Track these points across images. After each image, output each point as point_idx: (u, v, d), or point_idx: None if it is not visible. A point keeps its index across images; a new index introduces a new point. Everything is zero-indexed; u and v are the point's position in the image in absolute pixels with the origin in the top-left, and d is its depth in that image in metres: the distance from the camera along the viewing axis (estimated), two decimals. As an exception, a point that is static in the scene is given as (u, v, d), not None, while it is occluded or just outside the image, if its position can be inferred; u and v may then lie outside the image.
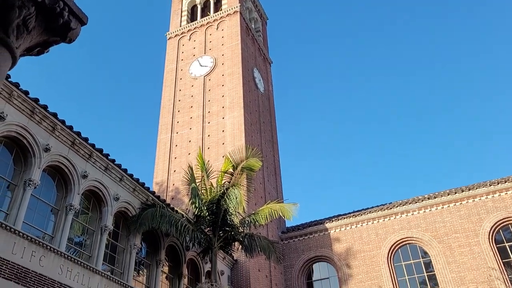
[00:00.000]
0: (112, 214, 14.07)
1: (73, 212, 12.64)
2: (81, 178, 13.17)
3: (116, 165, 14.43)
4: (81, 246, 13.40)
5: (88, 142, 13.44)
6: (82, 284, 12.16)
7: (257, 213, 16.48)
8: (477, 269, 21.08)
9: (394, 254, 23.71)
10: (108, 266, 13.95)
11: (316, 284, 25.04)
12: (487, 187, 22.78)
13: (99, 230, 13.62)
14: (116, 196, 14.36)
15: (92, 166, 13.73)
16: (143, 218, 14.68)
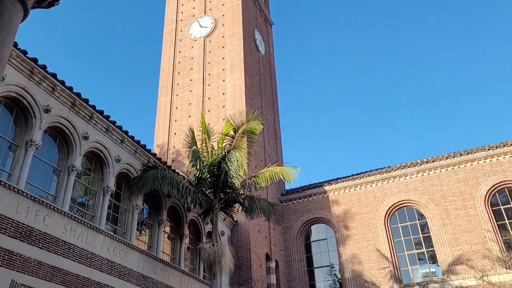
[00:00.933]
0: (114, 176, 14.20)
1: (75, 173, 12.75)
2: (82, 140, 13.20)
3: (117, 127, 14.43)
4: (84, 206, 13.61)
5: (88, 104, 13.38)
6: (86, 243, 12.44)
7: (258, 175, 16.63)
8: (472, 231, 21.55)
9: (391, 216, 24.15)
10: (111, 226, 14.23)
11: (314, 244, 25.64)
12: (486, 151, 22.93)
13: (101, 191, 13.79)
14: (117, 157, 14.44)
15: (93, 127, 13.73)
16: (144, 180, 14.84)
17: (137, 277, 14.10)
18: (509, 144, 22.60)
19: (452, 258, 21.46)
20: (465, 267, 20.76)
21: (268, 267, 22.44)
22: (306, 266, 24.93)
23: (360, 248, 23.62)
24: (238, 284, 19.66)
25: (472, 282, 20.23)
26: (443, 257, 21.84)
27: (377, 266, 22.80)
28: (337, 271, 24.40)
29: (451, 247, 21.74)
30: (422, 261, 23.06)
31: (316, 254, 25.34)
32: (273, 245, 23.68)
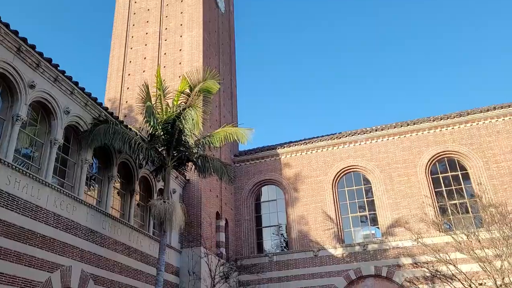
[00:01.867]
0: (62, 128, 13.67)
1: (20, 123, 12.14)
2: (28, 88, 12.51)
3: (67, 77, 13.76)
4: (30, 158, 13.08)
5: (35, 50, 12.60)
6: (32, 196, 12.06)
7: (212, 135, 16.61)
8: (412, 196, 22.93)
9: (339, 181, 25.13)
10: (58, 180, 13.83)
11: (263, 205, 26.32)
12: (431, 122, 24.11)
13: (49, 143, 13.28)
14: (66, 109, 13.86)
15: (40, 76, 13.01)
16: (95, 134, 14.41)
17: (84, 231, 13.95)
18: (452, 116, 23.87)
19: (392, 221, 22.83)
20: (402, 230, 22.19)
21: (218, 225, 22.88)
22: (255, 225, 25.65)
23: (307, 209, 24.53)
24: (188, 241, 19.96)
25: (408, 243, 21.70)
26: (383, 220, 23.18)
27: (322, 227, 23.85)
28: (284, 231, 25.32)
29: (392, 211, 23.07)
30: (364, 224, 24.38)
31: (265, 214, 26.08)
32: (223, 204, 24.06)
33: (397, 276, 21.50)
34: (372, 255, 22.38)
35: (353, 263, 22.45)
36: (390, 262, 21.91)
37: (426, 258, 19.63)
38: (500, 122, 23.20)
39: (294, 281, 22.89)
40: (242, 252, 24.52)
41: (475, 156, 22.89)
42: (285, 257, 23.79)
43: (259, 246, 25.22)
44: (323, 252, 23.16)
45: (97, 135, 14.35)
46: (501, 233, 16.60)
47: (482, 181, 22.11)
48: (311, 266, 23.03)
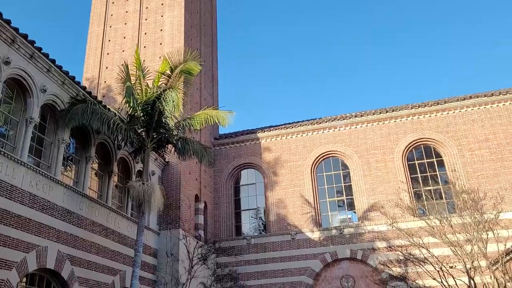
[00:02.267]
0: (39, 106, 13.36)
1: (-6, 100, 11.81)
2: (3, 65, 12.13)
3: (43, 54, 13.38)
4: (4, 137, 12.76)
5: (10, 25, 12.18)
6: (6, 175, 11.80)
7: (193, 117, 16.50)
8: (388, 182, 23.40)
9: (318, 165, 25.41)
10: (35, 159, 13.56)
11: (242, 188, 26.45)
12: (409, 109, 24.51)
13: (24, 121, 12.96)
14: (43, 87, 13.52)
15: (16, 52, 12.62)
16: (72, 114, 14.13)
17: (61, 211, 13.77)
18: (430, 104, 24.30)
19: (368, 206, 23.30)
20: (378, 214, 22.69)
21: (197, 208, 22.92)
22: (234, 208, 25.80)
23: (286, 193, 24.78)
24: (166, 223, 19.95)
25: (383, 228, 22.23)
26: (360, 205, 23.63)
27: (300, 211, 24.17)
28: (262, 214, 25.56)
29: (368, 196, 23.52)
30: (341, 208, 24.81)
31: (244, 198, 26.23)
32: (203, 187, 24.07)
33: (372, 259, 22.04)
34: (348, 238, 22.84)
35: (330, 247, 22.89)
36: (365, 245, 22.43)
37: (400, 242, 20.15)
38: (475, 111, 23.76)
39: (272, 263, 23.23)
40: (220, 235, 24.68)
41: (450, 144, 23.45)
42: (263, 240, 24.07)
43: (237, 229, 25.43)
44: (300, 236, 23.51)
45: (74, 115, 14.08)
46: (472, 219, 17.12)
47: (456, 168, 22.70)
48: (289, 249, 23.38)
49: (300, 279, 22.54)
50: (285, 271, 22.92)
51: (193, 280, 18.72)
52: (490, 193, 19.99)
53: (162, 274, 18.55)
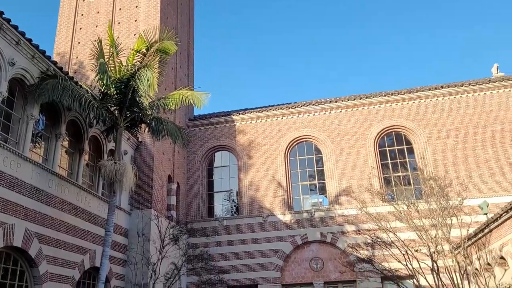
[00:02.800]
0: (7, 80, 12.88)
1: (-41, 72, 11.32)
2: (-31, 35, 11.61)
3: (12, 26, 12.87)
4: (-31, 111, 12.31)
5: (-24, -6, 11.64)
6: (-28, 151, 11.42)
7: (168, 97, 16.27)
8: (360, 167, 23.87)
9: (291, 149, 25.64)
10: (2, 135, 13.15)
11: (216, 170, 26.46)
12: (382, 97, 24.92)
13: (-9, 95, 12.51)
14: (11, 61, 13.03)
15: (-18, 23, 12.08)
16: (42, 89, 13.71)
17: (29, 189, 13.47)
18: (402, 92, 24.77)
19: (339, 190, 23.75)
20: (349, 199, 23.18)
21: (170, 189, 22.82)
22: (207, 190, 25.82)
23: (259, 176, 24.95)
24: (138, 203, 19.81)
25: (353, 212, 22.75)
26: (331, 189, 24.06)
27: (273, 194, 24.42)
28: (235, 196, 25.69)
29: (340, 180, 23.95)
30: (313, 192, 25.20)
31: (217, 180, 26.27)
32: (176, 167, 23.95)
33: (341, 242, 22.59)
34: (318, 222, 23.29)
35: (300, 229, 23.29)
36: (335, 229, 22.93)
37: (369, 226, 20.67)
38: (446, 101, 24.38)
39: (243, 245, 23.48)
40: (192, 216, 24.72)
41: (420, 132, 24.05)
42: (235, 221, 24.26)
43: (210, 211, 25.51)
44: (272, 218, 23.81)
45: (44, 90, 13.66)
46: (438, 205, 17.70)
47: (425, 156, 23.35)
48: (260, 231, 23.66)
49: (270, 260, 22.92)
50: (256, 252, 23.24)
51: (164, 260, 18.76)
52: (455, 180, 20.67)
53: (133, 254, 18.50)
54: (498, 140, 22.98)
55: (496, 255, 16.57)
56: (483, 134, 23.24)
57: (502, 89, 23.93)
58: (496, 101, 23.81)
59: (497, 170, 22.40)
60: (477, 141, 23.20)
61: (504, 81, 23.96)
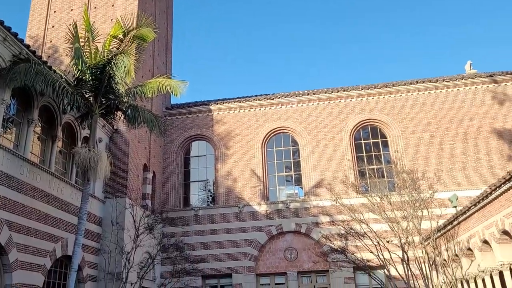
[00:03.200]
0: (-24, 63, 12.46)
1: None
2: None
3: (-18, 6, 12.40)
4: None
5: None
6: None
7: (145, 85, 16.04)
8: (336, 159, 24.18)
9: (268, 140, 25.74)
10: (-30, 119, 12.73)
11: (193, 160, 26.34)
12: (359, 90, 25.23)
13: (-40, 78, 12.06)
14: (-19, 42, 12.59)
15: (-49, 2, 11.60)
16: (14, 73, 13.29)
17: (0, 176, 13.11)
18: (379, 86, 25.13)
19: (315, 182, 24.02)
20: (324, 190, 23.48)
21: (145, 177, 22.61)
22: (183, 179, 25.70)
23: (236, 167, 24.98)
24: (113, 191, 19.57)
25: (327, 203, 23.07)
26: (307, 181, 24.31)
27: (249, 184, 24.51)
28: (211, 186, 25.68)
29: (316, 172, 24.22)
30: (289, 183, 25.41)
31: (194, 169, 26.17)
32: (152, 156, 23.72)
33: (315, 232, 22.91)
34: (293, 212, 23.53)
35: (276, 220, 23.49)
36: (309, 220, 23.22)
37: (343, 217, 21.02)
38: (421, 96, 24.88)
39: (218, 234, 23.54)
40: (168, 205, 24.60)
41: (395, 126, 24.51)
42: (211, 211, 24.27)
43: (185, 200, 25.43)
44: (248, 208, 23.92)
45: (16, 74, 13.25)
46: (410, 197, 18.15)
47: (398, 149, 23.84)
48: (236, 221, 23.75)
49: (245, 250, 23.06)
50: (231, 242, 23.34)
51: (139, 249, 18.64)
52: (427, 174, 21.17)
53: (107, 243, 18.30)
54: (469, 135, 23.64)
55: (464, 247, 17.14)
56: (455, 130, 23.86)
57: (475, 85, 24.57)
58: (469, 97, 24.44)
59: (467, 164, 23.08)
60: (449, 136, 23.80)
61: (477, 78, 24.61)
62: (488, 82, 24.46)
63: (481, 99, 24.31)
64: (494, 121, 23.72)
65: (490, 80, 24.43)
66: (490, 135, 23.46)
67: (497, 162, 22.84)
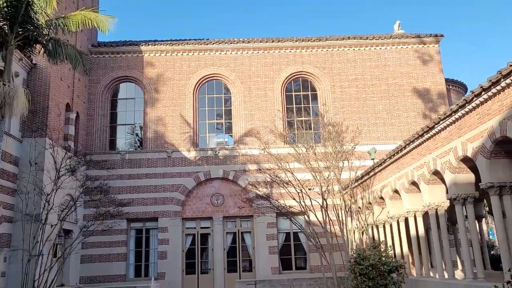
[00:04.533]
0: None
1: None
2: None
3: None
4: None
5: None
6: None
7: (68, 17, 14.83)
8: (266, 110, 24.55)
9: (201, 87, 25.37)
10: None
11: (120, 102, 25.35)
12: (293, 42, 25.38)
13: None
14: None
15: None
16: None
17: None
18: (313, 39, 25.43)
19: (245, 131, 24.33)
20: (253, 139, 23.91)
21: (68, 118, 21.46)
22: (109, 122, 24.76)
23: (166, 112, 24.48)
24: (31, 130, 18.39)
25: (255, 152, 23.60)
26: (237, 129, 24.55)
27: (179, 130, 24.24)
28: (139, 130, 25.06)
29: (246, 121, 24.48)
30: (219, 131, 25.50)
31: (121, 112, 25.24)
32: (76, 96, 22.44)
33: (242, 180, 23.51)
34: (222, 160, 23.83)
35: (204, 166, 23.69)
36: (237, 167, 23.70)
37: (269, 166, 21.68)
38: (351, 52, 25.62)
39: (145, 179, 23.32)
40: (93, 148, 23.73)
41: (325, 79, 25.21)
42: (138, 156, 23.84)
43: (111, 143, 24.66)
44: (177, 154, 23.81)
45: None
46: (333, 149, 19.08)
47: (326, 103, 24.68)
48: (164, 166, 23.60)
49: (172, 195, 23.18)
50: (158, 187, 23.29)
51: (60, 191, 17.96)
52: (351, 127, 22.19)
53: (24, 183, 17.41)
54: (391, 93, 25.01)
55: (377, 196, 18.62)
56: (379, 87, 25.09)
57: (401, 45, 25.73)
58: (394, 57, 25.62)
59: (387, 120, 24.58)
60: (373, 92, 25.00)
61: (403, 38, 25.75)
62: (413, 43, 25.71)
63: (406, 59, 25.59)
64: (415, 80, 25.24)
65: (416, 41, 25.69)
66: (410, 93, 25.01)
67: (414, 119, 24.56)
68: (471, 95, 10.87)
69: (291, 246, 23.38)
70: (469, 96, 11.01)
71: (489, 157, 10.74)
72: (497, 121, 10.12)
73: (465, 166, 12.38)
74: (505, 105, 9.80)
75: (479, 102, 10.75)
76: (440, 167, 13.08)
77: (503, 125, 9.89)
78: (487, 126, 10.58)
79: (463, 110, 11.46)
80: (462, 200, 12.59)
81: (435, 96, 25.04)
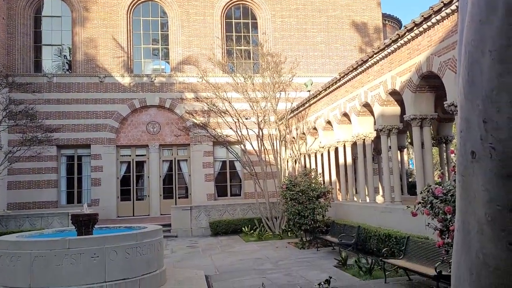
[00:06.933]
0: None
1: None
2: None
3: None
4: None
5: None
6: None
7: None
8: (205, 36, 23.77)
9: (135, 8, 23.81)
10: None
11: (45, 20, 23.28)
12: (235, -35, 24.16)
13: None
14: None
15: None
16: None
17: None
18: (255, -36, 24.36)
19: (182, 58, 23.57)
20: (191, 67, 23.30)
21: (-16, 34, 19.45)
22: (33, 41, 22.81)
23: (97, 33, 22.92)
24: None
25: (193, 80, 23.12)
26: (174, 56, 23.70)
27: (112, 54, 22.96)
28: (67, 52, 23.42)
29: (184, 48, 23.64)
30: (155, 57, 24.49)
31: (47, 31, 23.28)
32: (-8, 10, 20.22)
33: (179, 108, 23.17)
34: (158, 87, 23.16)
35: (139, 93, 22.94)
36: (174, 95, 23.21)
37: (207, 94, 21.40)
38: (294, -20, 24.97)
39: (76, 104, 22.25)
40: (15, 69, 21.96)
41: (266, 8, 24.62)
42: (67, 79, 22.48)
43: (37, 65, 22.93)
44: (109, 79, 22.73)
45: None
46: (271, 79, 19.14)
47: (267, 32, 24.31)
48: (96, 91, 22.55)
49: (106, 122, 22.44)
50: (90, 113, 22.37)
51: (-21, 114, 16.70)
52: (289, 58, 22.25)
53: None
54: (331, 25, 25.09)
55: (311, 126, 19.29)
56: (319, 18, 25.01)
57: (343, -23, 25.44)
58: (331, -12, 25.39)
59: (325, 53, 24.87)
60: (313, 24, 24.93)
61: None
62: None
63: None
64: (354, 13, 25.40)
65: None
66: (348, 27, 25.25)
67: (350, 53, 25.04)
68: (404, 30, 11.21)
69: (227, 174, 23.97)
70: (402, 31, 11.35)
71: (415, 91, 11.37)
72: (425, 56, 10.61)
73: (393, 99, 13.04)
74: (434, 40, 10.24)
75: (410, 38, 11.14)
76: (370, 100, 13.68)
77: (430, 60, 10.40)
78: (415, 61, 11.07)
79: (395, 45, 11.84)
80: (388, 131, 13.41)
81: (371, 31, 25.51)
